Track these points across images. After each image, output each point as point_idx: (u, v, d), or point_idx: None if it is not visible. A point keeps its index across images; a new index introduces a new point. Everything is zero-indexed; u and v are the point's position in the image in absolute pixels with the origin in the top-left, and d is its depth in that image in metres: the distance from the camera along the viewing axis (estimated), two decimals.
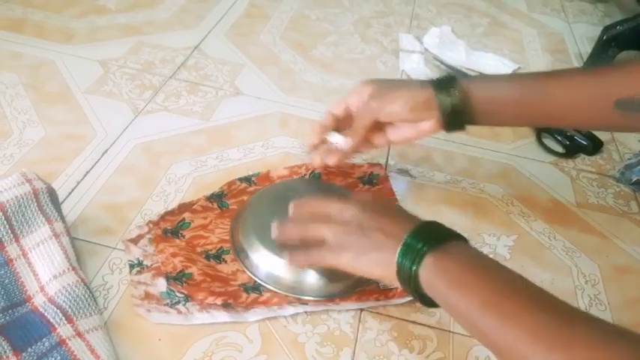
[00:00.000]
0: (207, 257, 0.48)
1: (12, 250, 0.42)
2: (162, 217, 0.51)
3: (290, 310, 0.45)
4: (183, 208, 0.52)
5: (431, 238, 0.36)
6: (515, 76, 0.48)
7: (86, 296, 0.42)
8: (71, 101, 0.64)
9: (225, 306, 0.44)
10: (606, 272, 0.53)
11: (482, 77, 0.50)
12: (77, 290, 0.42)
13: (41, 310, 0.41)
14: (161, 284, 0.45)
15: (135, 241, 0.48)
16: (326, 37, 0.85)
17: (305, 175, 0.58)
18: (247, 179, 0.56)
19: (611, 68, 0.46)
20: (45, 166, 0.55)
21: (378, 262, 0.38)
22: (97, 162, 0.57)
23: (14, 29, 0.76)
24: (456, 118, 0.47)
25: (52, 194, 0.45)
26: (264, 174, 0.57)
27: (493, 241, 0.54)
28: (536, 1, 1.06)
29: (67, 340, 0.39)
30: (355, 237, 0.39)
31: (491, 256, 0.52)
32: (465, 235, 0.53)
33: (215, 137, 0.62)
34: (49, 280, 0.42)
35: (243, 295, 0.45)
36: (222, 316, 0.44)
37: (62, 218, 0.46)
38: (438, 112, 0.47)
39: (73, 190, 0.53)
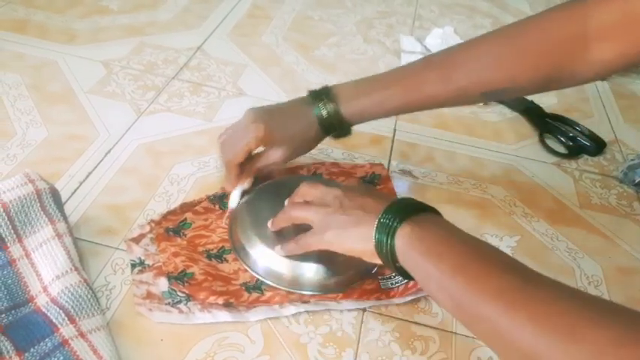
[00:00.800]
0: (209, 257, 0.48)
1: (15, 250, 0.42)
2: (164, 217, 0.51)
3: (291, 309, 0.45)
4: (185, 207, 0.52)
5: (406, 210, 0.39)
6: (381, 83, 0.50)
7: (89, 297, 0.42)
8: (74, 102, 0.65)
9: (227, 305, 0.44)
10: (609, 273, 0.53)
11: (350, 85, 0.51)
12: (80, 290, 0.42)
13: (44, 310, 0.41)
14: (163, 284, 0.45)
15: (137, 240, 0.48)
16: (328, 38, 0.85)
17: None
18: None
19: (468, 62, 0.48)
20: (48, 166, 0.55)
21: (359, 237, 0.40)
22: (99, 162, 0.57)
23: (17, 30, 0.76)
24: (335, 127, 0.51)
25: (54, 194, 0.45)
26: None
27: (496, 242, 0.54)
28: (539, 1, 1.06)
29: (70, 341, 0.39)
30: (337, 215, 0.42)
31: None
32: None
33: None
34: (51, 280, 0.42)
35: (245, 294, 0.45)
36: (223, 315, 0.44)
37: (65, 218, 0.46)
38: (318, 131, 0.51)
39: (75, 190, 0.53)
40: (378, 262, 0.40)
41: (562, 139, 0.69)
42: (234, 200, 0.52)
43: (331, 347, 0.43)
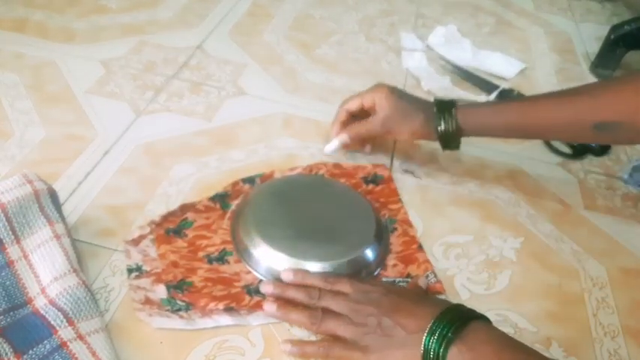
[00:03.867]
0: (210, 260, 0.48)
1: (13, 251, 0.42)
2: (165, 218, 0.50)
3: None
4: (186, 208, 0.52)
5: (450, 329, 0.37)
6: (500, 104, 0.57)
7: (87, 298, 0.41)
8: (72, 101, 0.64)
9: (228, 310, 0.44)
10: (614, 275, 0.52)
11: (473, 105, 0.56)
12: (78, 292, 0.41)
13: (42, 312, 0.40)
14: (161, 291, 0.44)
15: (137, 241, 0.48)
16: (330, 37, 0.84)
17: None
18: (251, 180, 0.56)
19: (585, 94, 0.50)
20: (46, 166, 0.55)
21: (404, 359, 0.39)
22: (98, 163, 0.56)
23: (16, 29, 0.76)
24: (449, 141, 0.56)
25: (53, 195, 0.45)
26: (268, 175, 0.57)
27: (499, 243, 0.54)
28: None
29: (69, 343, 0.38)
30: (376, 337, 0.40)
31: (497, 259, 0.52)
32: (471, 237, 0.54)
33: (218, 138, 0.62)
34: (50, 281, 0.42)
35: (247, 297, 0.45)
36: (225, 320, 0.43)
37: (63, 219, 0.45)
38: (434, 136, 0.56)
39: (74, 191, 0.53)
40: None
41: None
42: (330, 146, 0.59)
43: None
